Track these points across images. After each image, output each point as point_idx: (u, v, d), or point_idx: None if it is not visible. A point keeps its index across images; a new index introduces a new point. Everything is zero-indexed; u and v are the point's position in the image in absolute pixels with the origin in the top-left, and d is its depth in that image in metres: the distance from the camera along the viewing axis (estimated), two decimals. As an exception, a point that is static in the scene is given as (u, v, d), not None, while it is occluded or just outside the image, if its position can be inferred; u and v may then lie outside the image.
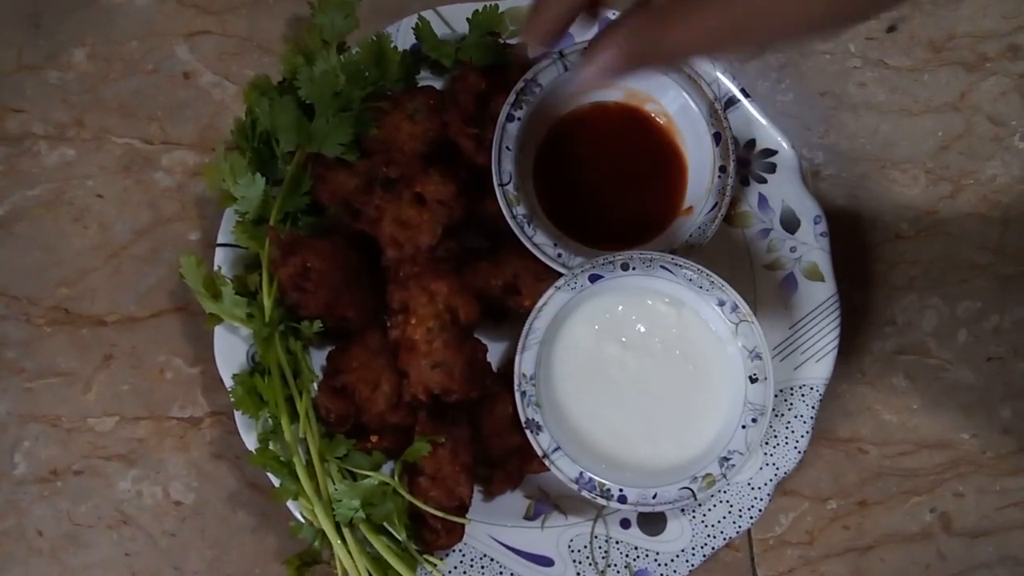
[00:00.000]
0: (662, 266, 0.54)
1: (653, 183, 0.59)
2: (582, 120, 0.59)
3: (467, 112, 0.56)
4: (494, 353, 0.57)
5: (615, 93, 0.59)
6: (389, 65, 0.56)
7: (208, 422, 0.58)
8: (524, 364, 0.53)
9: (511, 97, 0.55)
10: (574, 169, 0.59)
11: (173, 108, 0.62)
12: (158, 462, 0.57)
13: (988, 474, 0.60)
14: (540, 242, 0.56)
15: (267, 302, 0.52)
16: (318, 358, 0.56)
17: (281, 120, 0.53)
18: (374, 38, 0.56)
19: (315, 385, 0.54)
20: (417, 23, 0.57)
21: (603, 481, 0.52)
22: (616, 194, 0.58)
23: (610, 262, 0.54)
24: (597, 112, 0.59)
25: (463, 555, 0.54)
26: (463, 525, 0.52)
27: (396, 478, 0.52)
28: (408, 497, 0.51)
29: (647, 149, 0.59)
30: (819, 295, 0.58)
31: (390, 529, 0.51)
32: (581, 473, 0.52)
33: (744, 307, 0.53)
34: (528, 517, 0.56)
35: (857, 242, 0.63)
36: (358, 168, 0.55)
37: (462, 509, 0.51)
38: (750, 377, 0.53)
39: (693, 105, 0.56)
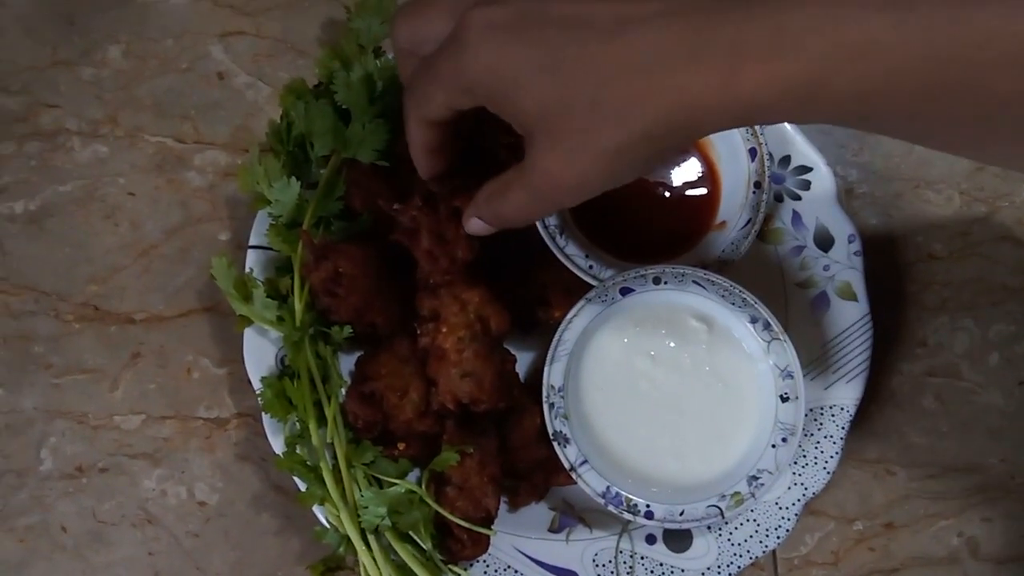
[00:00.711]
0: (694, 281, 0.54)
1: (686, 197, 0.58)
2: (616, 131, 0.58)
3: (504, 121, 0.55)
4: (522, 364, 0.57)
5: (650, 105, 0.58)
6: (426, 71, 0.55)
7: (234, 423, 0.58)
8: (552, 376, 0.53)
9: (547, 107, 0.55)
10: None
11: (206, 108, 0.62)
12: (183, 462, 0.58)
13: (1017, 499, 0.60)
14: (572, 253, 0.55)
15: (298, 306, 0.52)
16: (346, 363, 0.56)
17: (317, 125, 0.52)
18: (411, 44, 0.55)
19: (343, 390, 0.54)
20: (454, 30, 0.57)
21: (630, 496, 0.52)
22: (648, 207, 0.58)
23: (642, 276, 0.54)
24: (632, 124, 0.59)
25: (487, 566, 0.54)
26: (489, 536, 0.51)
27: (423, 487, 0.51)
28: (435, 506, 0.51)
29: (682, 162, 0.58)
30: (852, 315, 0.57)
31: (415, 538, 0.51)
32: (608, 487, 0.52)
33: (776, 325, 0.53)
34: (553, 529, 0.56)
35: (889, 261, 0.62)
36: (392, 175, 0.55)
37: (488, 520, 0.51)
38: (781, 396, 0.53)
39: (730, 120, 0.56)
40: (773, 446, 0.53)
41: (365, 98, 0.53)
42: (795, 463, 0.56)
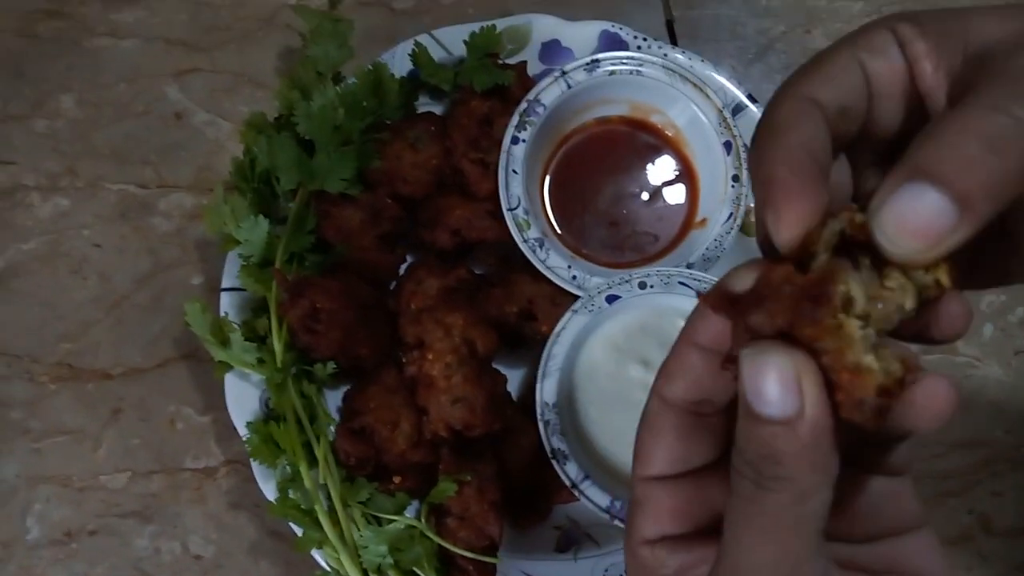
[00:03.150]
0: (680, 282, 0.53)
1: (665, 196, 0.57)
2: (589, 137, 0.58)
3: (470, 137, 0.54)
4: (512, 381, 0.56)
5: (620, 107, 0.57)
6: (388, 94, 0.54)
7: (223, 471, 0.56)
8: (545, 392, 0.52)
9: (514, 119, 0.54)
10: (584, 187, 0.57)
11: (167, 150, 0.61)
12: (174, 516, 0.56)
13: (1025, 471, 0.59)
14: (554, 265, 0.54)
15: (278, 347, 0.51)
16: (334, 399, 0.54)
17: (281, 159, 0.51)
18: (370, 67, 0.54)
19: (332, 428, 0.52)
20: (414, 49, 0.56)
21: (636, 508, 0.50)
22: (628, 210, 0.57)
23: (627, 281, 0.53)
24: (603, 128, 0.58)
25: (496, 594, 0.52)
26: (495, 564, 0.50)
27: (423, 520, 0.50)
28: (436, 540, 0.49)
29: (656, 162, 0.58)
30: (842, 301, 0.56)
31: (420, 573, 0.50)
32: (612, 501, 0.51)
33: (768, 319, 0.52)
34: (560, 549, 0.54)
35: (874, 242, 0.61)
36: (363, 202, 0.54)
37: (492, 548, 0.50)
38: (779, 391, 0.52)
39: (702, 116, 0.55)
40: (776, 443, 0.51)
41: (328, 127, 0.52)
42: (799, 457, 0.55)
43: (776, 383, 0.22)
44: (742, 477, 0.23)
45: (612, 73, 0.55)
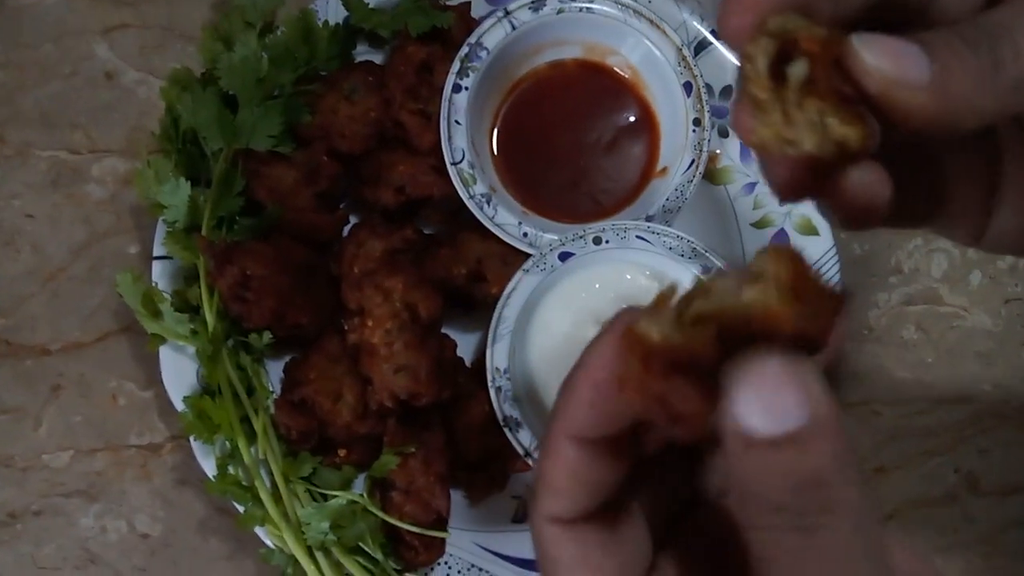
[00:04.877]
0: (638, 236, 0.49)
1: (623, 145, 0.53)
2: (540, 83, 0.54)
3: (408, 86, 0.50)
4: (466, 347, 0.53)
5: (573, 49, 0.53)
6: (318, 42, 0.50)
7: (168, 447, 0.54)
8: (496, 357, 0.49)
9: (455, 65, 0.50)
10: (536, 137, 0.54)
11: (97, 112, 0.57)
12: (120, 494, 0.54)
13: (1014, 426, 0.56)
14: (503, 222, 0.51)
15: (209, 316, 0.48)
16: (277, 370, 0.51)
17: (202, 117, 0.48)
18: (299, 15, 0.50)
19: (271, 401, 0.49)
20: (345, -8, 0.52)
21: (592, 476, 0.48)
22: (584, 161, 0.53)
23: (581, 237, 0.49)
24: (555, 72, 0.54)
25: (449, 568, 0.50)
26: (443, 539, 0.48)
27: (366, 495, 0.48)
28: (380, 515, 0.47)
29: (614, 108, 0.54)
30: (815, 251, 0.53)
31: (366, 549, 0.47)
32: (568, 469, 0.48)
33: (731, 273, 0.49)
34: (516, 520, 0.52)
35: (853, 187, 0.57)
36: (296, 159, 0.50)
37: (440, 522, 0.48)
38: (744, 349, 0.49)
39: (658, 53, 0.51)
40: (741, 404, 0.48)
41: (251, 80, 0.48)
42: (769, 418, 0.52)
43: (784, 390, 0.18)
44: (778, 532, 0.18)
45: (560, 11, 0.51)
